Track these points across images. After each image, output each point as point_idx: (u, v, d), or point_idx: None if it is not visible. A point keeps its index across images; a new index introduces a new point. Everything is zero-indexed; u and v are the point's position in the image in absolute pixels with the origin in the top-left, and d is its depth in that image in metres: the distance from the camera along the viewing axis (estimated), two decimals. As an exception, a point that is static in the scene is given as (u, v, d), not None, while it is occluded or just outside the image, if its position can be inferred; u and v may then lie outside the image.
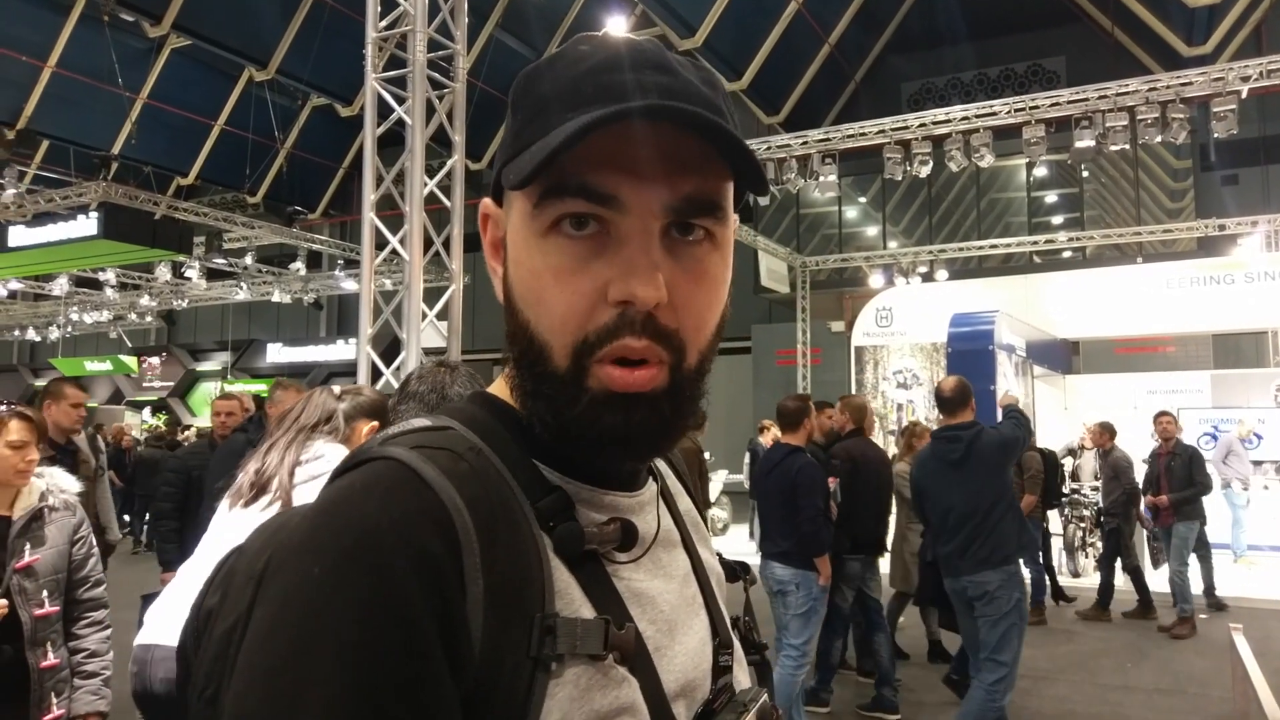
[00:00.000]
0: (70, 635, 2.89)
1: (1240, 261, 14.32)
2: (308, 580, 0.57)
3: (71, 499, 2.98)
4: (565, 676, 0.61)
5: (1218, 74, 11.30)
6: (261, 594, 0.59)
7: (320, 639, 0.55)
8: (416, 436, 0.66)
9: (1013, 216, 20.28)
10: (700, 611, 0.76)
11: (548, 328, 0.65)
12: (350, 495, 0.61)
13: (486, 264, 0.72)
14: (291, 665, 0.54)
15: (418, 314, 6.11)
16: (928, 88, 20.49)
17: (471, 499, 0.61)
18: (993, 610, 4.50)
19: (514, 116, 0.68)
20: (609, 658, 0.62)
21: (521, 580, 0.61)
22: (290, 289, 22.08)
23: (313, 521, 0.60)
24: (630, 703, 0.64)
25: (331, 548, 0.57)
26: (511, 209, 0.68)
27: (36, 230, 15.71)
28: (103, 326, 26.34)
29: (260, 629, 0.57)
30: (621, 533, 0.68)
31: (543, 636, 0.60)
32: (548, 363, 0.65)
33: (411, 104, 6.18)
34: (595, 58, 0.65)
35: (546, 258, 0.64)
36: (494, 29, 17.78)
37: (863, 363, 15.41)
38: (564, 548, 0.65)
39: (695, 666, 0.72)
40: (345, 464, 0.66)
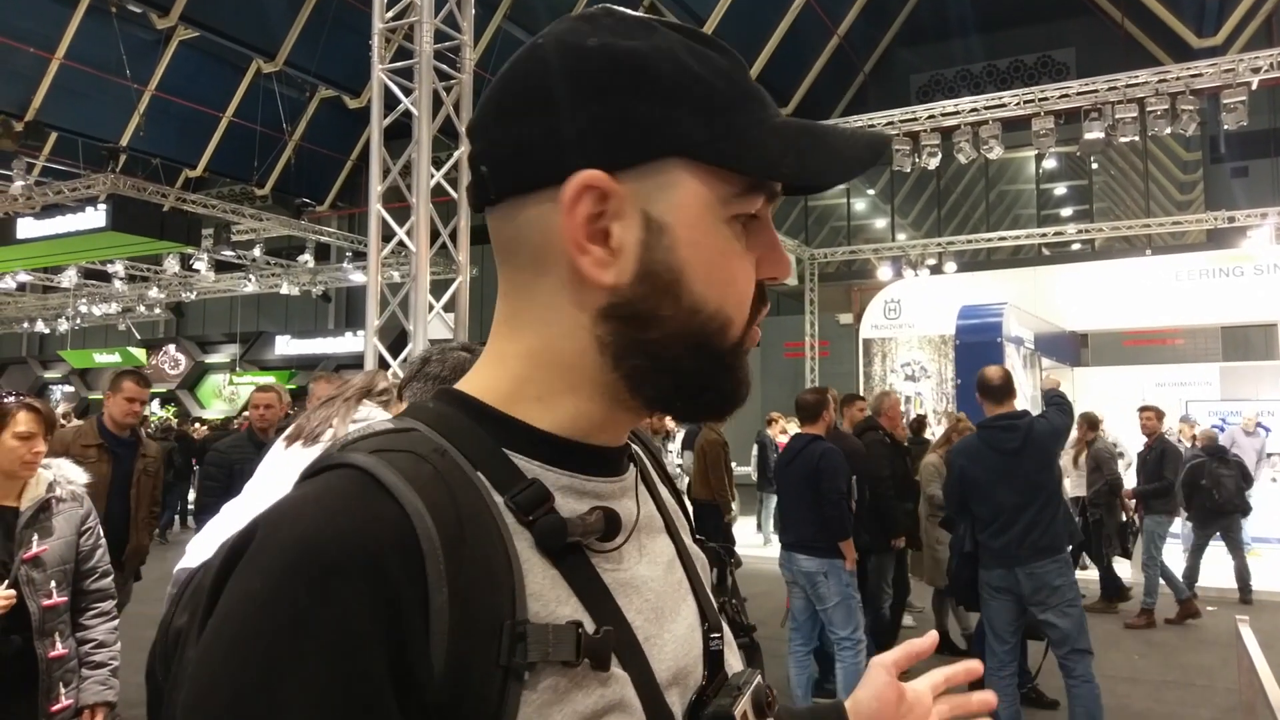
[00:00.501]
0: (78, 626, 2.90)
1: (1250, 254, 14.26)
2: (248, 595, 0.56)
3: (79, 490, 2.99)
4: (541, 684, 0.59)
5: (1228, 65, 11.25)
6: (214, 608, 0.58)
7: (251, 659, 0.54)
8: (378, 440, 0.64)
9: (1021, 209, 20.22)
10: (688, 596, 0.75)
11: (735, 304, 0.69)
12: (301, 506, 0.59)
13: (574, 243, 0.65)
14: (222, 683, 0.54)
15: (425, 306, 6.11)
16: (936, 79, 20.42)
17: (434, 504, 0.59)
18: (1059, 599, 4.50)
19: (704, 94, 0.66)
20: (582, 663, 0.61)
21: (490, 586, 0.59)
22: (298, 281, 22.12)
23: (265, 533, 0.58)
24: (619, 698, 0.63)
25: (275, 562, 0.56)
26: (672, 188, 0.66)
27: (45, 222, 15.77)
28: (111, 319, 26.44)
29: (203, 641, 0.57)
30: (605, 521, 0.67)
31: (513, 644, 0.59)
32: (726, 337, 0.69)
33: (418, 95, 6.18)
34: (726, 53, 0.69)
35: (730, 241, 0.68)
36: (501, 20, 17.77)
37: (871, 355, 15.40)
38: (546, 541, 0.63)
39: (686, 653, 0.71)
40: (306, 471, 0.64)
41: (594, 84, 0.65)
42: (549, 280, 0.67)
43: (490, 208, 0.69)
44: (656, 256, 0.65)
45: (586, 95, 0.65)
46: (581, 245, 0.65)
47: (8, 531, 2.75)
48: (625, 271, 0.65)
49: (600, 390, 0.68)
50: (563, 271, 0.66)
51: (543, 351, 0.69)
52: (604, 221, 0.65)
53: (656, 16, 0.70)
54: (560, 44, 0.67)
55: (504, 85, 0.68)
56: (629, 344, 0.67)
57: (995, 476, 4.66)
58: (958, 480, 4.86)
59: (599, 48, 0.66)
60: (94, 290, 24.07)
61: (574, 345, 0.68)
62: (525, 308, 0.69)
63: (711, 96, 0.66)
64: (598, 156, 0.64)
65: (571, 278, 0.66)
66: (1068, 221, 19.00)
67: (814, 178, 0.69)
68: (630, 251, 0.65)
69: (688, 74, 0.66)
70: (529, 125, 0.65)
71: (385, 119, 6.38)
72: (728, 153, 0.66)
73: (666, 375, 0.68)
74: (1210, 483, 8.25)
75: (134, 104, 18.57)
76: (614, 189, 0.64)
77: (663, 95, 0.65)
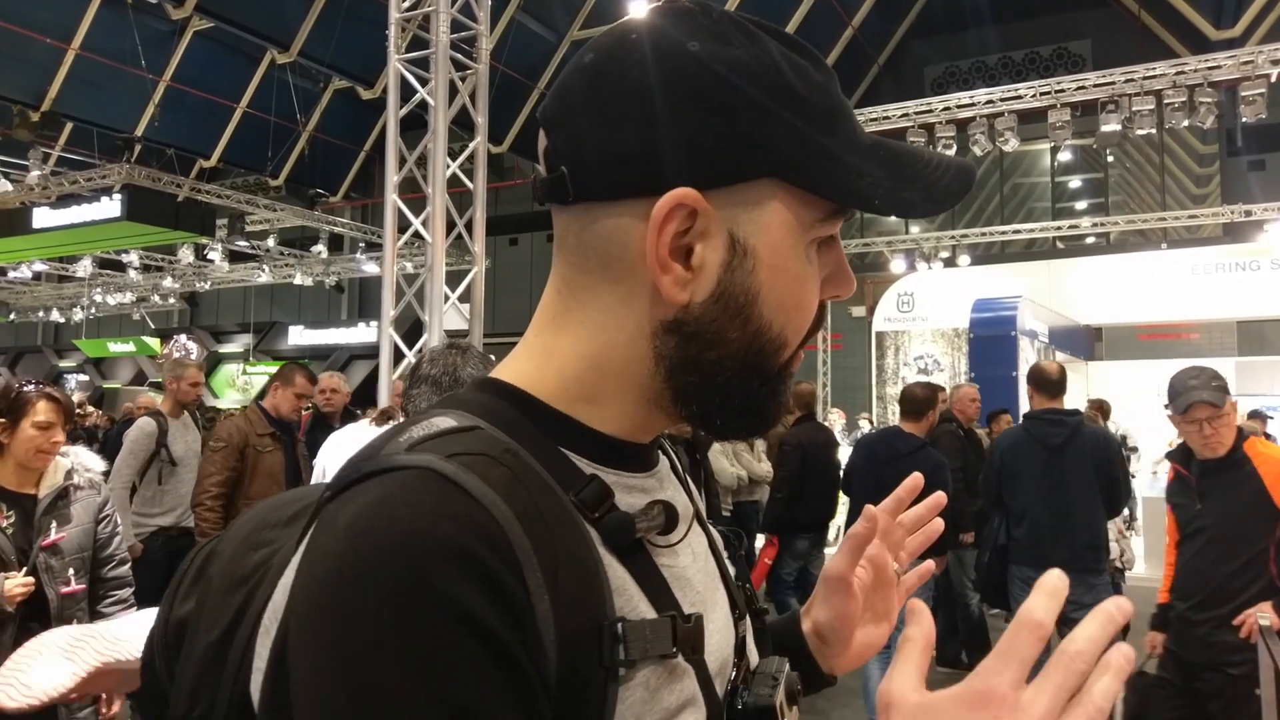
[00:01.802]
0: (95, 614, 2.92)
1: (1266, 248, 14.15)
2: (364, 612, 0.51)
3: (96, 477, 3.01)
4: (635, 680, 0.59)
5: (1246, 57, 11.14)
6: (305, 633, 0.54)
7: (401, 674, 0.50)
8: (446, 441, 0.61)
9: (1036, 201, 20.10)
10: (720, 586, 0.75)
11: (795, 329, 0.68)
12: (391, 510, 0.55)
13: (658, 260, 0.63)
14: (378, 707, 0.50)
15: (440, 296, 6.12)
16: (951, 71, 20.30)
17: (521, 509, 0.57)
18: (1093, 599, 4.43)
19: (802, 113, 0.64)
20: (678, 655, 0.61)
21: (585, 587, 0.58)
22: (312, 271, 22.17)
23: (352, 542, 0.54)
24: (692, 694, 0.63)
25: (385, 571, 0.52)
26: (761, 210, 0.64)
27: (61, 212, 15.83)
28: (126, 308, 26.56)
29: (319, 680, 0.52)
30: (665, 515, 0.66)
31: (613, 644, 0.58)
32: (778, 360, 0.68)
33: (434, 85, 6.18)
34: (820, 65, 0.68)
35: (807, 266, 0.67)
36: (515, 11, 17.72)
37: (884, 348, 15.36)
38: (613, 539, 0.62)
39: (726, 643, 0.71)
40: (362, 469, 0.59)
41: (695, 96, 0.62)
42: (618, 289, 0.66)
43: (561, 206, 0.67)
44: (736, 279, 0.64)
45: (687, 108, 0.62)
46: (665, 263, 0.63)
47: (26, 519, 2.77)
48: (701, 291, 0.64)
49: (646, 396, 0.68)
50: (634, 284, 0.65)
51: (596, 355, 0.67)
52: (688, 239, 0.64)
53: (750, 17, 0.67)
54: (659, 45, 0.64)
55: (592, 81, 0.65)
56: (686, 360, 0.66)
57: (1034, 470, 4.56)
58: (996, 471, 4.75)
59: (701, 56, 0.63)
60: (109, 280, 24.18)
61: (630, 353, 0.66)
62: (582, 308, 0.68)
63: (810, 117, 0.64)
64: (693, 173, 0.62)
65: (643, 291, 0.65)
66: (1083, 215, 18.88)
67: (906, 210, 0.67)
68: (710, 272, 0.64)
69: (788, 92, 0.64)
70: (623, 132, 0.63)
71: (402, 109, 6.38)
72: (821, 178, 0.64)
73: (715, 393, 0.67)
74: None
75: (149, 94, 18.61)
76: (704, 208, 0.63)
77: (763, 113, 0.63)
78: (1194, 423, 3.24)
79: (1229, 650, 3.18)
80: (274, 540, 0.79)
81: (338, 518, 0.57)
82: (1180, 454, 3.52)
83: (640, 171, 0.63)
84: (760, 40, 0.65)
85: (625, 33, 0.65)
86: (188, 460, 5.28)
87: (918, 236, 18.34)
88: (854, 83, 20.55)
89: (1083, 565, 4.37)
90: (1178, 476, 3.52)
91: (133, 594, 3.07)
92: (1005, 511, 4.73)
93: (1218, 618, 3.20)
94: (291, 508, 0.82)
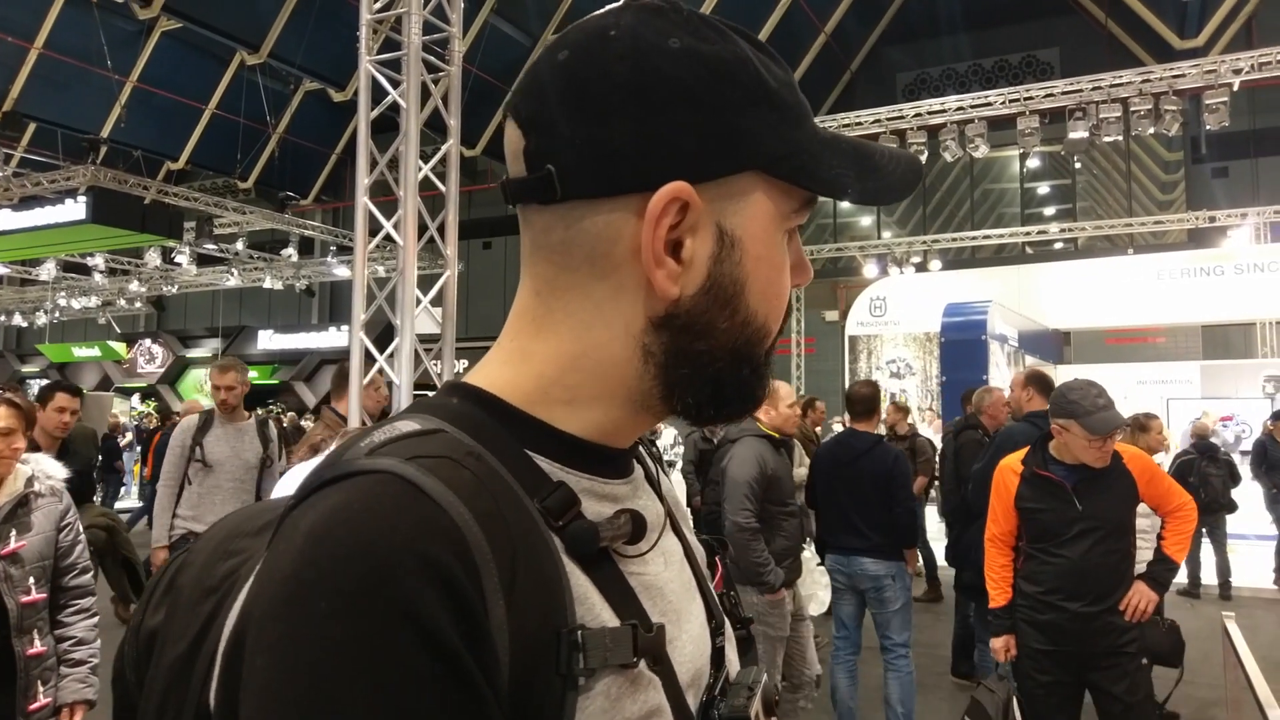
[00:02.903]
0: (56, 623, 2.86)
1: (1230, 253, 14.40)
2: (316, 617, 0.51)
3: (58, 485, 2.95)
4: (595, 689, 0.58)
5: (1210, 66, 11.33)
6: (257, 635, 0.53)
7: (350, 685, 0.50)
8: (407, 444, 0.60)
9: (1006, 207, 20.31)
10: (696, 595, 0.74)
11: (776, 315, 0.70)
12: (350, 515, 0.54)
13: (654, 255, 0.63)
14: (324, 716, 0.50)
15: (412, 300, 6.07)
16: (923, 78, 20.47)
17: (482, 514, 0.56)
18: None
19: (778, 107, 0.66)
20: (639, 664, 0.60)
21: (543, 594, 0.57)
22: (282, 275, 21.97)
23: (310, 548, 0.53)
24: (657, 704, 0.62)
25: (341, 578, 0.51)
26: (746, 201, 0.65)
27: (23, 214, 15.58)
28: (91, 312, 26.19)
29: (266, 683, 0.52)
30: (632, 524, 0.65)
31: (570, 652, 0.57)
32: (764, 346, 0.70)
33: (406, 86, 6.13)
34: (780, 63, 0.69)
35: (784, 254, 0.70)
36: (489, 14, 17.67)
37: (856, 352, 15.45)
38: (577, 547, 0.61)
39: (700, 653, 0.70)
40: (323, 477, 0.59)
41: (680, 91, 0.63)
42: (604, 284, 0.65)
43: (544, 205, 0.66)
44: (725, 270, 0.65)
45: (673, 102, 0.62)
46: (660, 258, 0.63)
47: (-14, 526, 2.71)
48: (691, 283, 0.65)
49: (632, 397, 0.67)
50: (622, 279, 0.65)
51: (580, 356, 0.66)
52: (678, 233, 0.64)
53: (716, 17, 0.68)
54: (639, 41, 0.63)
55: (574, 78, 0.64)
56: (678, 353, 0.66)
57: None
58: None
59: (683, 52, 0.63)
60: (73, 283, 23.84)
61: (616, 352, 0.66)
62: (566, 308, 0.67)
63: (783, 110, 0.66)
64: (684, 167, 0.63)
65: (631, 286, 0.65)
66: (1051, 220, 19.09)
67: (871, 198, 0.71)
68: (700, 264, 0.65)
69: (764, 86, 0.65)
70: (611, 128, 0.62)
71: (373, 111, 6.32)
72: (799, 170, 0.66)
73: (707, 384, 0.67)
74: (1198, 481, 8.28)
75: (115, 95, 18.40)
76: (696, 202, 0.63)
77: (745, 108, 0.64)
78: (1105, 439, 3.35)
79: (1122, 632, 3.40)
80: (244, 549, 0.77)
81: (298, 524, 0.56)
82: (1039, 459, 3.54)
83: (632, 167, 0.63)
84: (730, 37, 0.66)
85: (601, 29, 0.65)
86: (227, 465, 4.96)
87: (890, 241, 18.47)
88: (827, 88, 20.68)
89: None
90: (1038, 481, 3.52)
91: (94, 603, 3.00)
92: None
93: (1110, 607, 3.40)
94: (263, 517, 0.80)
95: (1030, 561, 3.56)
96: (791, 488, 4.66)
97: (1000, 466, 3.72)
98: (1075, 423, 3.35)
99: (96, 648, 2.94)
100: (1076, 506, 3.42)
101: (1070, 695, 3.52)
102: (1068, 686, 3.51)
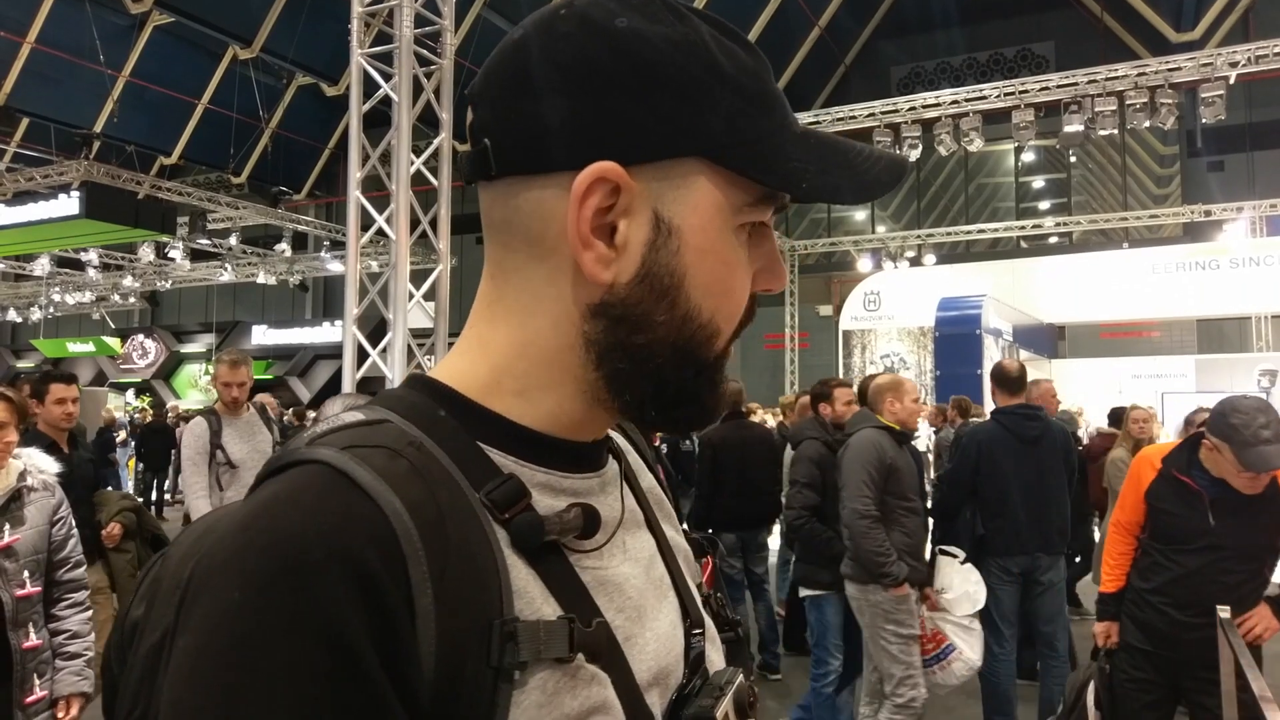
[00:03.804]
0: (51, 617, 2.86)
1: (1225, 247, 14.42)
2: (229, 606, 0.52)
3: (50, 479, 2.94)
4: (530, 683, 0.57)
5: (1206, 59, 11.33)
6: (183, 619, 0.55)
7: (246, 677, 0.51)
8: (348, 434, 0.60)
9: (1000, 201, 20.33)
10: (669, 593, 0.73)
11: (726, 316, 0.66)
12: (273, 507, 0.55)
13: (579, 236, 0.62)
14: (217, 705, 0.50)
15: (404, 295, 6.06)
16: (917, 71, 20.47)
17: (413, 502, 0.56)
18: (1058, 575, 4.77)
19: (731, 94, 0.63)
20: (576, 659, 0.59)
21: (476, 585, 0.57)
22: (275, 270, 21.95)
23: (235, 538, 0.54)
24: (602, 701, 0.61)
25: (255, 569, 0.52)
26: (688, 189, 0.63)
27: (16, 209, 15.55)
28: (85, 307, 26.16)
29: (182, 661, 0.53)
30: (583, 518, 0.64)
31: (503, 644, 0.56)
32: (712, 348, 0.66)
33: (398, 80, 6.12)
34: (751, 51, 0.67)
35: (736, 250, 0.66)
36: (481, 8, 17.64)
37: (850, 347, 15.47)
38: (521, 541, 0.61)
39: (668, 652, 0.69)
40: (269, 467, 0.61)
41: (620, 71, 0.61)
42: (542, 268, 0.64)
43: (486, 183, 0.66)
44: (660, 259, 0.63)
45: (611, 82, 0.61)
46: (586, 239, 0.62)
47: (-22, 521, 2.70)
48: (625, 271, 0.63)
49: (581, 388, 0.66)
50: (559, 261, 0.64)
51: (526, 343, 0.66)
52: (611, 216, 0.62)
53: (684, 2, 0.66)
54: (585, 20, 0.62)
55: (518, 55, 0.64)
56: (614, 344, 0.64)
57: (1011, 463, 4.70)
58: (973, 465, 4.81)
59: (628, 32, 0.62)
60: (67, 278, 23.81)
61: (559, 339, 0.65)
62: (512, 293, 0.66)
63: (739, 98, 0.63)
64: (615, 148, 0.61)
65: (568, 270, 0.63)
66: (1046, 214, 19.13)
67: (831, 195, 0.66)
68: (634, 251, 0.63)
69: (717, 71, 0.63)
70: (545, 104, 0.62)
71: (365, 105, 6.31)
72: (750, 159, 0.63)
73: (647, 381, 0.65)
74: None
75: (108, 90, 18.34)
76: (628, 184, 0.61)
77: (690, 91, 0.62)
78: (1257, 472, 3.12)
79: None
80: None
81: (235, 515, 0.57)
82: (1182, 462, 3.31)
83: (562, 144, 0.62)
84: (689, 20, 0.64)
85: (555, 9, 0.65)
86: (249, 462, 4.84)
87: (884, 236, 18.49)
88: (821, 82, 20.67)
89: (1055, 548, 4.70)
90: (1175, 484, 3.31)
91: (87, 596, 3.00)
92: (979, 504, 4.83)
93: (1214, 622, 3.19)
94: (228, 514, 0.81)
95: (1146, 557, 3.41)
96: (914, 483, 4.38)
97: (1139, 457, 3.57)
98: (1229, 448, 3.09)
99: (91, 640, 2.94)
100: (1209, 521, 3.18)
101: (1163, 698, 3.39)
102: (1160, 689, 3.38)
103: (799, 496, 4.66)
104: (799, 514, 4.64)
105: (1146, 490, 3.41)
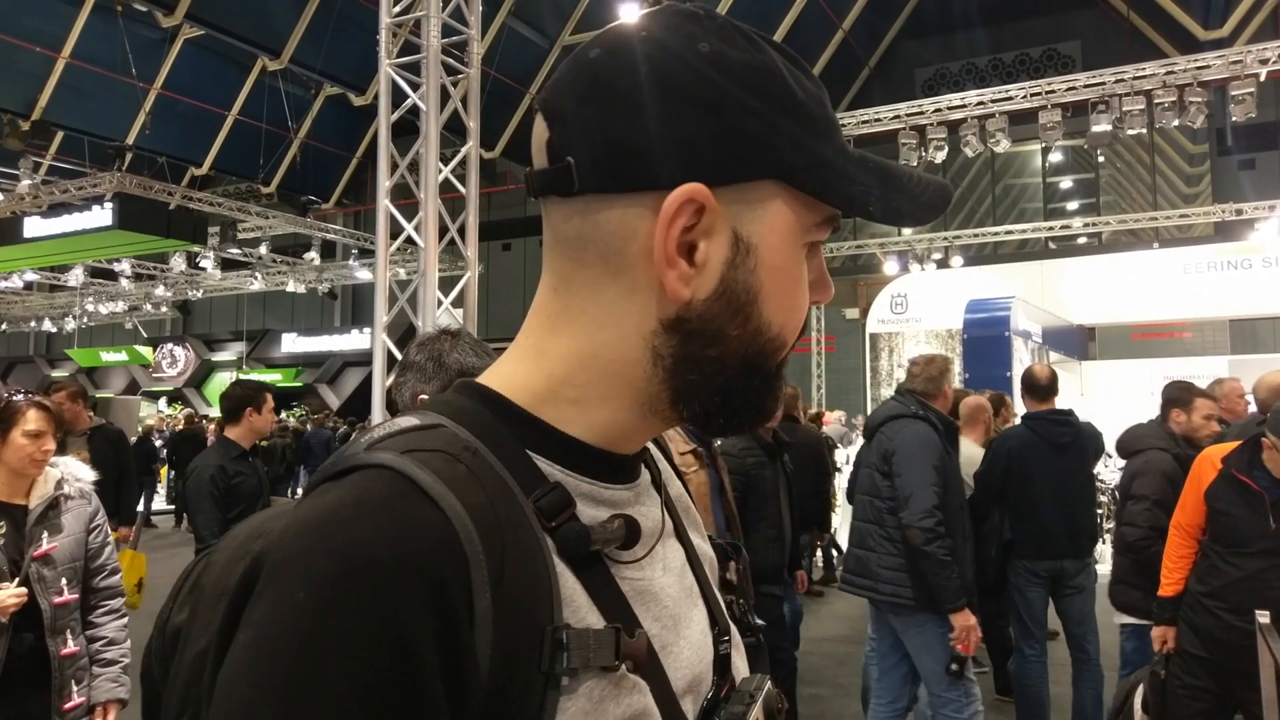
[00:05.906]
0: (87, 624, 2.90)
1: (1257, 246, 14.20)
2: (295, 605, 0.53)
3: (87, 487, 2.99)
4: (578, 691, 0.58)
5: (1235, 57, 11.20)
6: (245, 616, 0.55)
7: (309, 674, 0.52)
8: (406, 438, 0.62)
9: (1028, 202, 20.17)
10: (698, 601, 0.74)
11: (792, 329, 0.70)
12: (340, 510, 0.56)
13: (665, 255, 0.63)
14: (275, 701, 0.51)
15: (433, 302, 6.11)
16: (942, 73, 20.36)
17: (474, 506, 0.58)
18: (1088, 580, 4.72)
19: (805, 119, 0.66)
20: (621, 668, 0.60)
21: (530, 590, 0.59)
22: (305, 279, 22.14)
23: (302, 539, 0.56)
24: (643, 708, 0.62)
25: (322, 570, 0.53)
26: (764, 210, 0.65)
27: (52, 221, 15.81)
28: (118, 317, 26.51)
29: (241, 656, 0.54)
30: (625, 530, 0.66)
31: (554, 650, 0.58)
32: (777, 359, 0.70)
33: (426, 89, 6.17)
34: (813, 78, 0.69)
35: (802, 267, 0.69)
36: (506, 16, 17.73)
37: (878, 350, 15.38)
38: (568, 550, 0.62)
39: (700, 660, 0.70)
40: (328, 471, 0.62)
41: (708, 94, 0.63)
42: (617, 283, 0.66)
43: (561, 199, 0.66)
44: (738, 276, 0.65)
45: (700, 105, 0.63)
46: (672, 258, 0.63)
47: (18, 529, 2.75)
48: (704, 288, 0.65)
49: (640, 400, 0.67)
50: (637, 278, 0.65)
51: (591, 355, 0.67)
52: (693, 235, 0.64)
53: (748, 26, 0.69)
54: (669, 43, 0.64)
55: (601, 75, 0.65)
56: (686, 358, 0.66)
57: (1042, 468, 4.69)
58: (1003, 469, 4.81)
59: (712, 56, 0.64)
60: (100, 289, 24.14)
61: (627, 353, 0.66)
62: (580, 305, 0.67)
63: (811, 122, 0.66)
64: (703, 169, 0.63)
65: (644, 286, 0.65)
66: (1074, 215, 18.95)
67: (895, 218, 0.69)
68: (714, 269, 0.65)
69: (791, 97, 0.65)
70: (637, 125, 0.63)
71: (393, 114, 6.37)
72: (823, 183, 0.66)
73: (717, 392, 0.67)
74: None
75: (140, 103, 18.59)
76: (713, 205, 0.63)
77: (770, 115, 0.64)
78: None
79: None
80: None
81: (298, 516, 0.58)
82: (1244, 463, 3.25)
83: (650, 166, 0.63)
84: (763, 47, 0.66)
85: (634, 30, 0.66)
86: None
87: (910, 238, 18.38)
88: (845, 85, 20.60)
89: (1084, 552, 4.71)
90: (1235, 484, 3.25)
91: (123, 603, 3.05)
92: (1007, 507, 4.83)
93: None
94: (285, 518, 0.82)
95: (1204, 560, 3.36)
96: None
97: (1200, 457, 3.52)
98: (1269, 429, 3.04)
99: (127, 648, 2.98)
100: (1270, 524, 3.11)
101: (1217, 705, 3.33)
102: (1215, 696, 3.32)
103: (1146, 514, 4.19)
104: (1146, 534, 4.16)
105: (1206, 491, 3.35)
